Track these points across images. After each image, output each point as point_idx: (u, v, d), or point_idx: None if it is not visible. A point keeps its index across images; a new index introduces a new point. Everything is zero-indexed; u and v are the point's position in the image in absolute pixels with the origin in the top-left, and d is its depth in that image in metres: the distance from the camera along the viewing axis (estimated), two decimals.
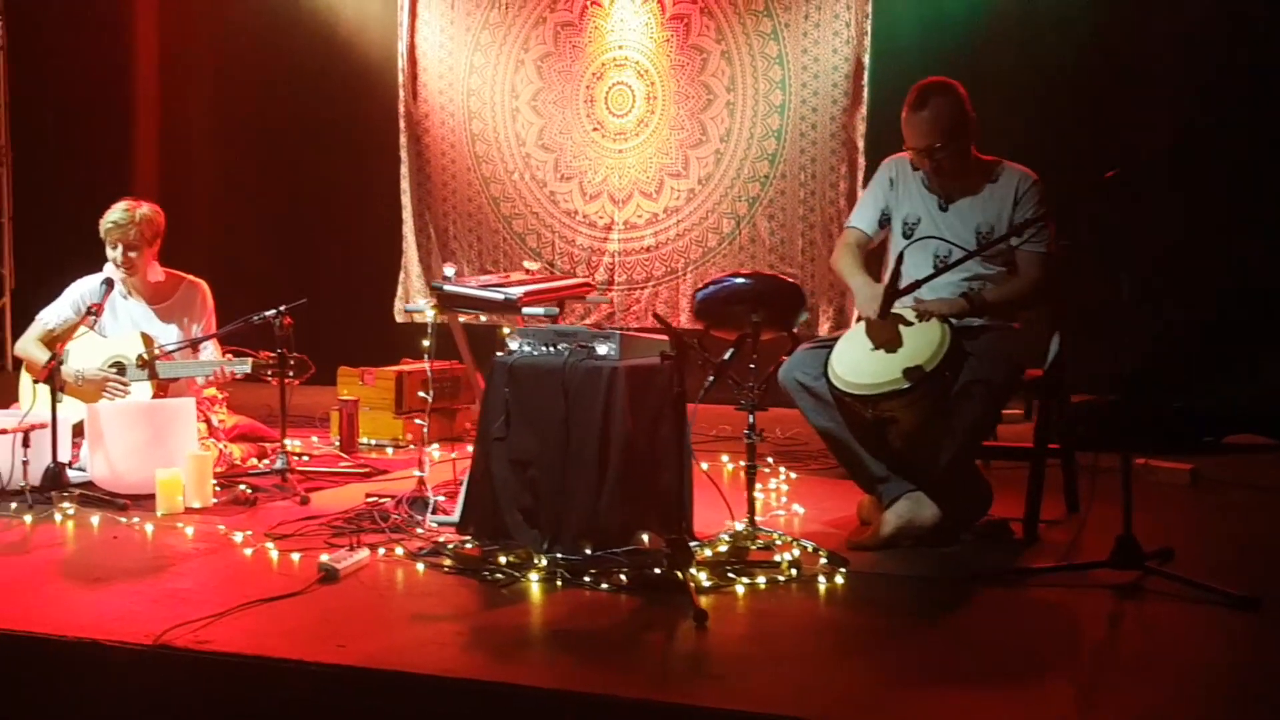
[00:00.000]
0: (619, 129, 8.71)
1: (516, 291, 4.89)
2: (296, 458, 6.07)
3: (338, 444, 6.72)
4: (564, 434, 4.37)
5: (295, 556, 4.44)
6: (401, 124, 9.26)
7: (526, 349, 4.57)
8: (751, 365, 4.36)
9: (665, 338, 4.66)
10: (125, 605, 3.89)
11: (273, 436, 6.33)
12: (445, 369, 7.19)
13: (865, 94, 8.09)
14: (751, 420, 4.36)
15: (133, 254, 5.89)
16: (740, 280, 4.35)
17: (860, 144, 8.12)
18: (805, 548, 4.35)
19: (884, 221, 4.95)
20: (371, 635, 3.65)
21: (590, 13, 8.71)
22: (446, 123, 9.15)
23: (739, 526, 4.49)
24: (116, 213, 5.95)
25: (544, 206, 8.91)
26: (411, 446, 6.84)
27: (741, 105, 8.40)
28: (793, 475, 5.88)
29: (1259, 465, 6.24)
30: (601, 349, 4.40)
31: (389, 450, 6.78)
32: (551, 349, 4.51)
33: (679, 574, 3.96)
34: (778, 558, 4.31)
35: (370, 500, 5.25)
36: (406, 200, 9.28)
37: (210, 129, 9.96)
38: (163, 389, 5.81)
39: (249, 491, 5.42)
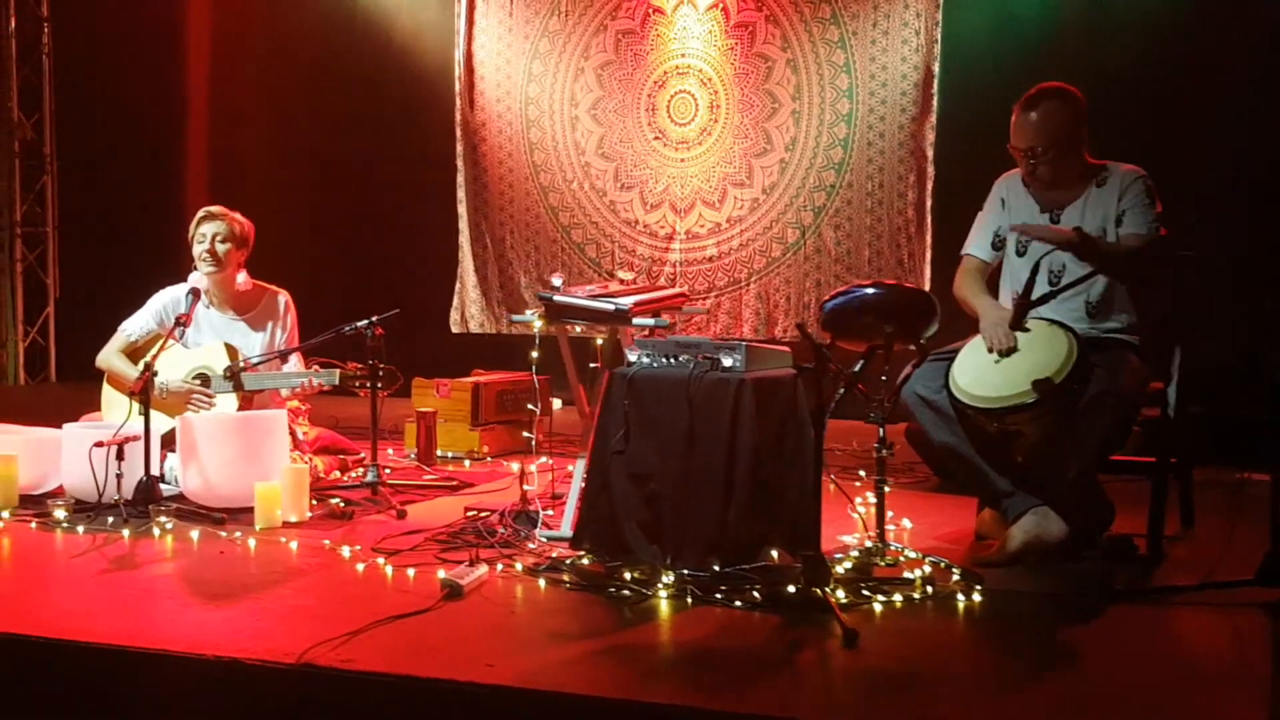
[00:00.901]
0: (681, 137, 8.63)
1: (627, 301, 4.79)
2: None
3: (412, 456, 6.62)
4: (688, 447, 4.28)
5: (410, 572, 4.35)
6: (458, 133, 9.19)
7: (645, 360, 4.47)
8: (883, 378, 4.27)
9: (785, 349, 4.60)
10: (254, 622, 3.80)
11: (354, 449, 6.25)
12: (519, 380, 7.11)
13: (935, 103, 8.01)
14: (881, 434, 4.26)
15: (221, 246, 5.78)
16: (871, 290, 4.26)
17: (930, 153, 8.05)
18: (938, 564, 4.25)
19: (998, 244, 4.87)
20: (515, 654, 3.56)
21: (652, 20, 8.64)
22: (504, 131, 9.08)
23: (850, 541, 4.40)
24: (210, 209, 5.86)
25: (603, 216, 8.84)
26: (489, 459, 6.76)
27: (807, 114, 8.32)
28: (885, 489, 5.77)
29: None
30: (727, 360, 4.31)
31: (466, 463, 6.69)
32: (672, 360, 4.42)
33: (817, 591, 3.87)
34: (907, 574, 4.22)
35: (471, 514, 5.15)
36: (462, 210, 9.21)
37: (263, 137, 9.90)
38: (248, 401, 5.71)
39: (343, 505, 5.33)
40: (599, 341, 5.29)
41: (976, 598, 4.05)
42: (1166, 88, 7.43)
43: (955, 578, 4.18)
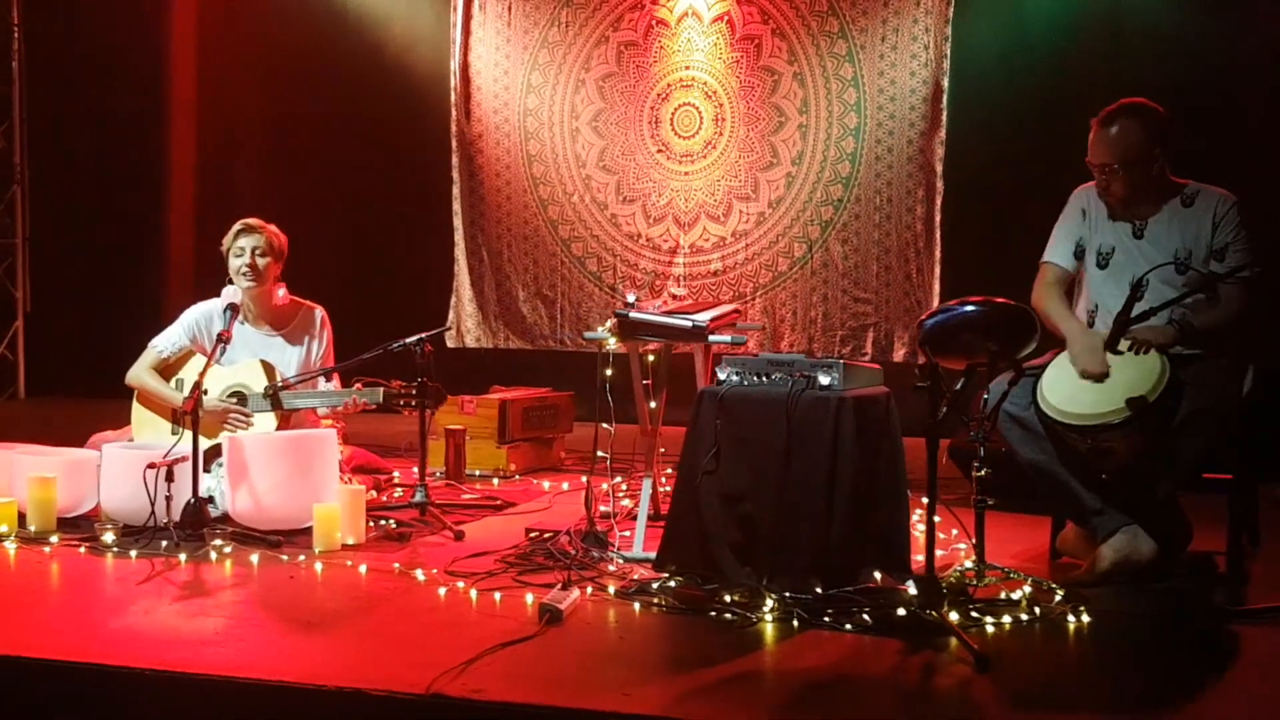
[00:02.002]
0: (685, 150, 8.55)
1: (704, 318, 4.72)
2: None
3: (438, 474, 6.46)
4: (785, 467, 4.19)
5: (497, 596, 4.23)
6: (453, 144, 9.04)
7: (735, 379, 4.39)
8: (985, 396, 4.22)
9: (876, 366, 4.54)
10: (359, 651, 3.67)
11: (387, 468, 6.11)
12: (545, 397, 7.00)
13: (945, 117, 8.00)
14: (981, 453, 4.20)
15: (261, 260, 5.61)
16: (971, 308, 4.19)
17: (939, 168, 8.02)
18: (1039, 584, 4.20)
19: (1079, 254, 4.83)
20: (645, 682, 3.46)
21: (656, 32, 8.56)
22: (501, 143, 8.95)
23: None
24: (247, 221, 5.68)
25: (605, 229, 8.73)
26: (517, 477, 6.63)
27: (815, 128, 8.28)
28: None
29: None
30: (824, 378, 4.23)
31: (495, 481, 6.55)
32: (764, 379, 4.34)
33: (933, 614, 3.81)
34: (1004, 595, 4.17)
35: (534, 535, 5.03)
36: (458, 223, 9.05)
37: (251, 148, 9.66)
38: (285, 420, 5.55)
39: (394, 526, 5.20)
40: (650, 359, 5.20)
41: (1086, 619, 4.00)
42: (1179, 101, 7.39)
43: (1058, 598, 4.13)
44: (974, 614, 3.99)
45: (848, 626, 3.90)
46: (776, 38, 8.32)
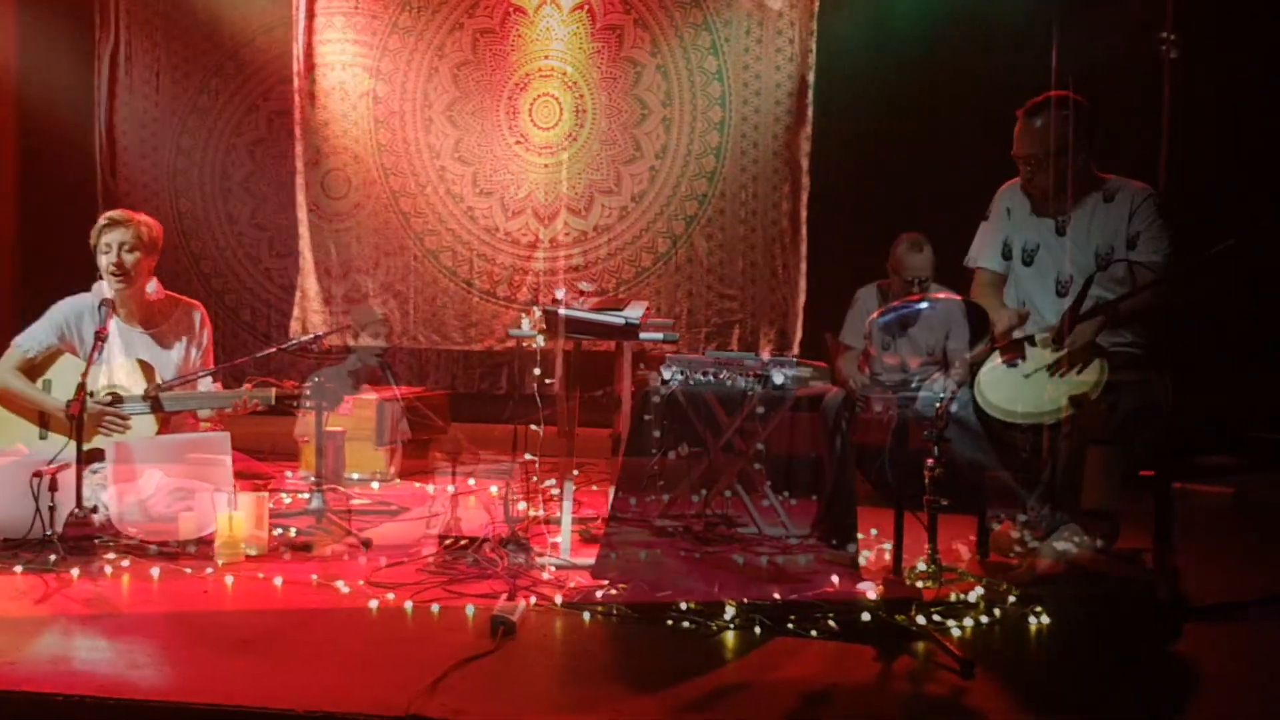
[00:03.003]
0: (545, 142, 8.33)
1: (636, 314, 4.54)
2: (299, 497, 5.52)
3: (312, 479, 6.14)
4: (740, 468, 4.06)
5: (435, 608, 3.99)
6: (297, 131, 8.61)
7: (680, 378, 4.23)
8: (942, 394, 4.14)
9: (823, 364, 4.44)
10: (312, 672, 3.41)
11: (269, 473, 5.77)
12: (423, 397, 6.74)
13: (810, 113, 7.96)
14: (936, 452, 4.13)
15: (129, 256, 5.21)
16: (925, 305, 4.12)
17: (805, 164, 7.96)
18: (994, 586, 4.15)
19: (1008, 253, 4.81)
20: (633, 696, 3.30)
21: (513, 20, 8.31)
22: (350, 132, 8.57)
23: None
24: (113, 214, 5.28)
25: (461, 223, 8.45)
26: (397, 481, 6.35)
27: (679, 121, 8.15)
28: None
29: None
30: (778, 377, 4.11)
31: (374, 484, 6.25)
32: (712, 377, 4.20)
33: (900, 619, 3.73)
34: (954, 596, 4.11)
35: (449, 543, 4.78)
36: (302, 215, 8.61)
37: (83, 138, 9.02)
38: (165, 423, 5.18)
39: (295, 534, 4.90)
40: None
41: (1045, 619, 3.96)
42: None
43: (1012, 600, 4.09)
44: (935, 617, 3.91)
45: (813, 633, 3.78)
46: (639, 28, 8.17)
